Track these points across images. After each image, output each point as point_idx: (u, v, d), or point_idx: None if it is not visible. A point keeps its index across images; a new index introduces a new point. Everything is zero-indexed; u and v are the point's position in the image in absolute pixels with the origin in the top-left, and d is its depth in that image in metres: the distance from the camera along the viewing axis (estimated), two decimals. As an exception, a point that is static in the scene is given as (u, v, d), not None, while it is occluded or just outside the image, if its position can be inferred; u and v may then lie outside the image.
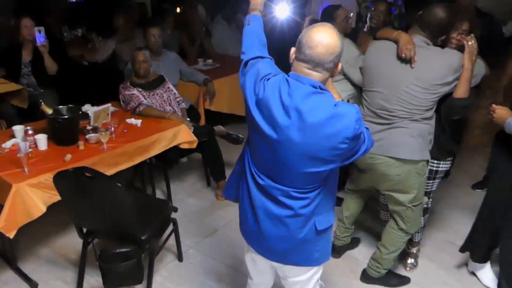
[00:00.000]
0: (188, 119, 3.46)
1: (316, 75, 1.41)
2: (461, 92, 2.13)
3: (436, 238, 3.16)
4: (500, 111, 2.18)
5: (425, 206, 2.64)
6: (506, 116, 2.15)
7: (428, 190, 2.61)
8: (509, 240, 2.37)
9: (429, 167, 2.46)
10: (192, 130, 3.23)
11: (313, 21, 3.20)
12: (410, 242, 2.81)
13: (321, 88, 1.40)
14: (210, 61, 4.84)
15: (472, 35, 2.18)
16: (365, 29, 3.29)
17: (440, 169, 2.56)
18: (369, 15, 3.18)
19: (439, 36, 2.21)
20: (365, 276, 2.70)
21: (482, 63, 2.20)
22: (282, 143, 1.42)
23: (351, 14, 3.36)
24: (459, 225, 3.33)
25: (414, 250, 2.86)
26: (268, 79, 1.45)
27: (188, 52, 5.01)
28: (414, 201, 2.39)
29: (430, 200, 2.73)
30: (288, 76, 1.45)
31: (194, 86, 4.11)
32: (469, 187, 3.89)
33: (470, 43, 2.13)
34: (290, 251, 1.65)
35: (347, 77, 3.07)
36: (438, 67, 2.13)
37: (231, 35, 5.46)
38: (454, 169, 3.81)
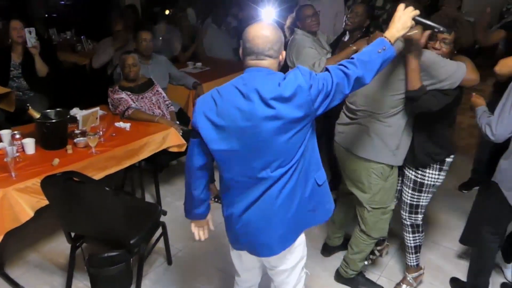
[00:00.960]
0: (178, 122, 3.47)
1: (262, 63, 1.57)
2: (408, 84, 2.11)
3: (423, 240, 3.19)
4: (475, 99, 2.32)
5: (414, 221, 2.56)
6: (479, 104, 2.29)
7: (414, 203, 2.50)
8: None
9: (413, 177, 2.43)
10: (181, 133, 3.23)
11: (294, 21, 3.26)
12: (407, 267, 2.73)
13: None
14: (199, 64, 4.84)
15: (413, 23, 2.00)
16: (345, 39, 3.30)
17: (425, 181, 2.42)
18: (345, 17, 3.20)
19: None
20: (337, 275, 2.77)
21: (464, 66, 2.13)
22: (255, 127, 1.53)
23: (318, 10, 3.39)
24: (445, 226, 3.37)
25: (411, 276, 2.72)
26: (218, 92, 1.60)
27: (179, 56, 5.01)
28: (372, 203, 2.43)
29: (421, 216, 2.56)
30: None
31: (183, 89, 4.11)
32: (456, 189, 3.94)
33: (411, 33, 2.05)
34: (299, 221, 1.73)
35: None
36: (392, 64, 2.11)
37: (221, 39, 5.47)
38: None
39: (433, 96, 2.12)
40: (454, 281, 2.77)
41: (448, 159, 2.37)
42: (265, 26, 1.58)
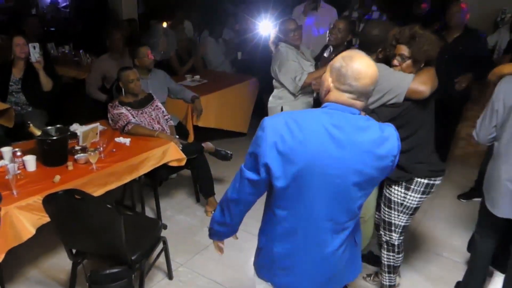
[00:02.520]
0: (177, 136, 3.49)
1: (359, 104, 1.44)
2: None
3: (423, 250, 3.21)
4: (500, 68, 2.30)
5: (389, 239, 2.49)
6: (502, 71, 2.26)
7: (386, 219, 2.44)
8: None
9: (384, 191, 2.42)
10: (181, 148, 3.25)
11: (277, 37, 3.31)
12: (381, 285, 2.69)
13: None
14: (197, 77, 4.88)
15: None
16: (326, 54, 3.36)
17: (392, 198, 2.37)
18: (327, 33, 3.23)
19: (374, 51, 2.31)
20: None
21: (410, 77, 2.11)
22: (338, 176, 1.41)
23: (300, 24, 3.46)
24: (445, 236, 3.38)
25: None
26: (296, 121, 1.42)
27: (177, 69, 5.04)
28: None
29: (396, 235, 2.46)
30: (326, 106, 1.45)
31: (182, 102, 4.14)
32: (455, 198, 3.96)
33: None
34: (340, 275, 1.63)
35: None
36: None
37: (218, 51, 5.52)
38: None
39: (374, 113, 2.15)
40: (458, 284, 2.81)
41: (421, 180, 2.30)
42: (371, 63, 1.42)
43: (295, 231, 1.51)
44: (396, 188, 2.35)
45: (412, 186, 2.32)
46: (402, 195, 2.35)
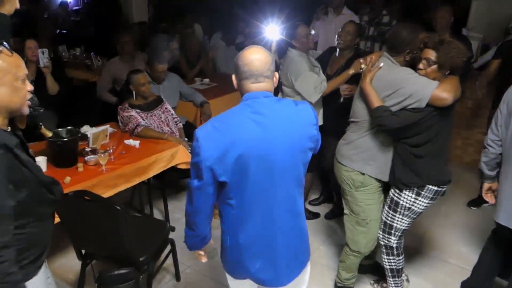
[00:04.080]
0: (186, 139, 3.51)
1: (262, 85, 1.59)
2: (369, 104, 2.29)
3: (430, 257, 3.20)
4: None
5: (388, 243, 2.52)
6: None
7: (388, 222, 2.48)
8: None
9: (391, 195, 2.44)
10: (189, 150, 3.27)
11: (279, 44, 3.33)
12: None
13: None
14: (207, 80, 4.91)
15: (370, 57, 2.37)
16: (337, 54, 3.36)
17: (401, 202, 2.39)
18: (336, 36, 3.24)
19: (401, 52, 2.32)
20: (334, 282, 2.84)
21: (434, 84, 2.12)
22: (275, 154, 1.56)
23: (312, 31, 3.46)
24: (454, 243, 3.37)
25: None
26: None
27: (186, 73, 5.07)
28: (347, 210, 2.55)
29: (395, 238, 2.49)
30: (243, 99, 1.60)
31: (191, 105, 4.16)
32: (464, 205, 3.94)
33: (363, 66, 2.39)
34: (300, 254, 1.77)
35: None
36: (376, 80, 2.28)
37: (228, 55, 5.54)
38: (449, 186, 3.86)
39: (396, 115, 2.19)
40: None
41: (431, 187, 2.32)
42: (257, 49, 1.61)
43: (252, 216, 1.63)
44: (407, 193, 2.37)
45: (423, 192, 2.34)
46: (412, 200, 2.36)
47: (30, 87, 1.56)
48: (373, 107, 2.22)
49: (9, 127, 1.53)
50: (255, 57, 1.57)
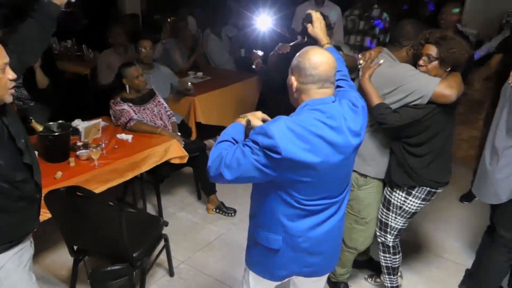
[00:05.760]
0: (179, 133, 3.48)
1: (328, 91, 1.54)
2: (369, 102, 2.18)
3: (423, 252, 3.21)
4: None
5: (384, 241, 2.51)
6: None
7: (383, 220, 2.47)
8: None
9: (385, 192, 2.44)
10: (183, 145, 3.24)
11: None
12: None
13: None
14: (200, 74, 4.86)
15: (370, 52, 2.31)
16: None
17: (392, 200, 2.39)
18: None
19: (403, 47, 2.28)
20: (328, 278, 2.79)
21: (436, 80, 2.10)
22: (347, 158, 1.57)
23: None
24: (447, 238, 3.38)
25: None
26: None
27: (180, 65, 5.02)
28: (348, 207, 2.47)
29: (391, 237, 2.48)
30: (308, 105, 1.52)
31: (185, 100, 4.14)
32: (457, 200, 3.95)
33: (361, 62, 2.30)
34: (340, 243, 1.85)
35: None
36: (376, 77, 2.21)
37: (221, 48, 5.50)
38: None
39: (397, 113, 2.15)
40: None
41: (423, 188, 2.31)
42: (323, 51, 1.55)
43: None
44: (398, 192, 2.36)
45: (414, 192, 2.33)
46: (403, 199, 2.36)
47: (12, 75, 1.53)
48: (373, 105, 2.16)
49: None
50: (324, 61, 1.51)
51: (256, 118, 1.71)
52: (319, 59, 1.50)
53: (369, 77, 2.22)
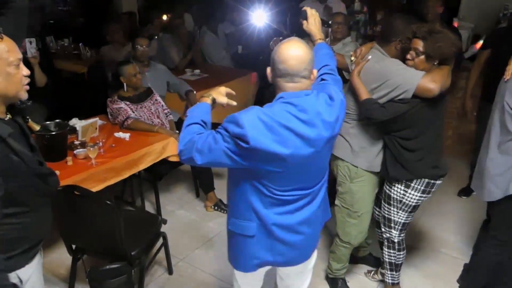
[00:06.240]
0: (177, 131, 3.47)
1: (298, 85, 1.53)
2: (358, 97, 2.26)
3: (421, 246, 3.22)
4: None
5: (389, 236, 2.50)
6: None
7: (386, 215, 2.47)
8: None
9: (385, 188, 2.45)
10: (181, 143, 3.23)
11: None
12: (384, 284, 2.70)
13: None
14: (197, 71, 4.86)
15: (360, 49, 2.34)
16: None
17: (392, 195, 2.39)
18: (330, 30, 3.15)
19: (391, 41, 2.28)
20: (325, 273, 2.83)
21: (420, 74, 2.09)
22: (319, 151, 1.56)
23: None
24: (445, 232, 3.39)
25: None
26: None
27: (176, 63, 5.02)
28: (338, 202, 2.53)
29: (396, 232, 2.48)
30: (282, 98, 1.53)
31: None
32: (455, 194, 3.96)
33: (352, 58, 2.34)
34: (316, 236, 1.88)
35: None
36: (364, 72, 2.25)
37: (218, 45, 5.49)
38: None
39: (384, 108, 2.17)
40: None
41: (422, 179, 2.31)
42: (296, 44, 1.52)
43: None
44: (397, 185, 2.36)
45: (412, 184, 2.33)
46: (402, 192, 2.36)
47: (26, 71, 1.51)
48: (361, 100, 2.20)
49: (8, 115, 1.48)
50: (292, 55, 1.49)
51: (221, 95, 1.73)
52: (288, 54, 1.49)
53: (358, 73, 2.25)
